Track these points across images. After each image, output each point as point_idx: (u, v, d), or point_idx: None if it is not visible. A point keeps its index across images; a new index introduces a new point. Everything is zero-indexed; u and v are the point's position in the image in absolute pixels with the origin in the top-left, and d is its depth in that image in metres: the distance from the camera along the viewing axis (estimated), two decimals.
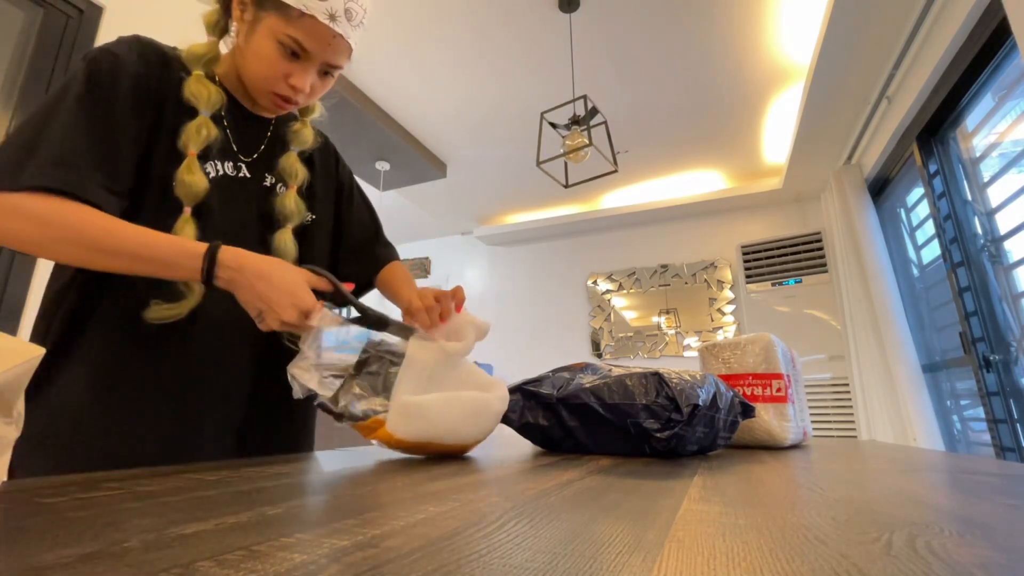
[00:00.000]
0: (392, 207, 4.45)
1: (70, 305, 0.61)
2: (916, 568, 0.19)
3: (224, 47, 0.72)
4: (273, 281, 0.57)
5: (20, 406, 0.40)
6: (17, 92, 1.49)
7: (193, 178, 0.63)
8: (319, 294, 0.61)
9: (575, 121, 2.28)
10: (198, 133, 0.65)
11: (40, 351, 0.38)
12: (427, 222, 4.88)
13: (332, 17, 0.63)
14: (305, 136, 0.79)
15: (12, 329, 1.39)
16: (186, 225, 0.62)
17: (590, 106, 2.14)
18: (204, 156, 0.66)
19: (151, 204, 0.63)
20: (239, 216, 0.70)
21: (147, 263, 0.56)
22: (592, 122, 2.22)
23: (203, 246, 0.57)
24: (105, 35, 1.67)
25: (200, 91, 0.66)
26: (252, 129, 0.75)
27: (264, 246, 0.72)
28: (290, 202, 0.74)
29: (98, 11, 1.67)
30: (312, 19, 0.62)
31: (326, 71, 0.70)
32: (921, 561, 0.20)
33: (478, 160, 3.61)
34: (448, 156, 3.57)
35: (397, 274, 0.86)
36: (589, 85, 2.79)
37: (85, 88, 0.59)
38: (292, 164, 0.76)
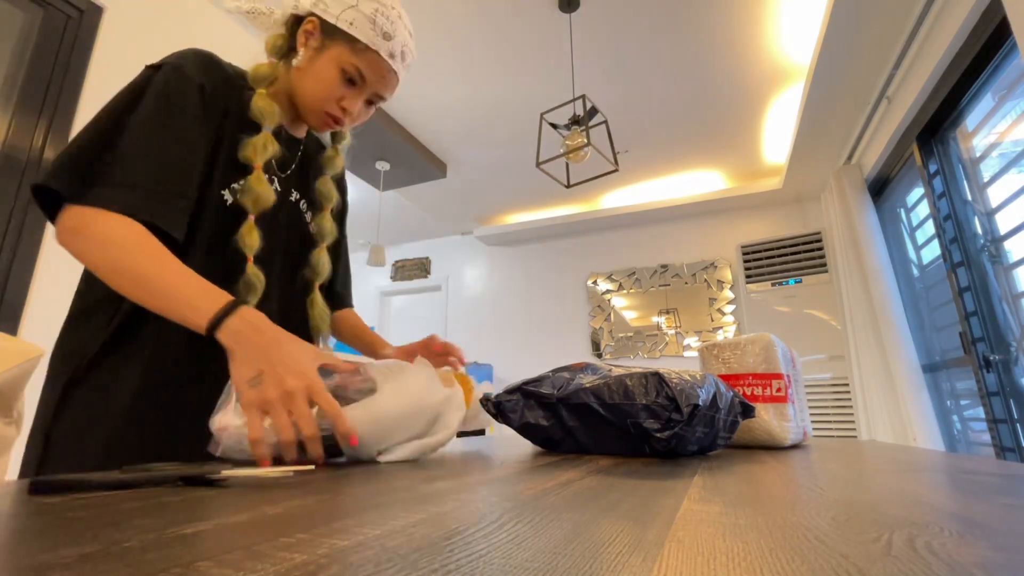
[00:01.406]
0: (392, 207, 4.45)
1: (124, 313, 0.62)
2: (916, 568, 0.19)
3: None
4: (285, 348, 0.54)
5: (20, 406, 0.40)
6: (17, 92, 1.49)
7: (263, 188, 0.68)
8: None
9: (575, 121, 2.28)
10: (264, 148, 0.69)
11: (40, 351, 0.38)
12: (427, 222, 4.88)
13: (391, 56, 0.71)
14: (338, 163, 0.85)
15: (12, 329, 1.39)
16: (252, 231, 0.66)
17: (589, 106, 2.14)
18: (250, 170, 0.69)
19: (209, 212, 0.66)
20: (269, 225, 0.72)
21: (166, 299, 0.56)
22: (592, 122, 2.22)
23: (228, 296, 0.56)
24: (105, 35, 1.67)
25: (266, 108, 0.70)
26: (288, 148, 0.78)
27: (289, 256, 0.77)
28: (327, 223, 0.81)
29: (98, 11, 1.67)
30: (375, 54, 0.70)
31: (371, 100, 0.76)
32: (921, 561, 0.20)
33: (478, 160, 3.61)
34: (448, 156, 3.57)
35: (366, 331, 0.92)
36: (589, 85, 2.79)
37: (156, 104, 0.61)
38: (329, 188, 0.82)
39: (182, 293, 0.56)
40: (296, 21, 0.74)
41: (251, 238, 0.66)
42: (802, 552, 0.21)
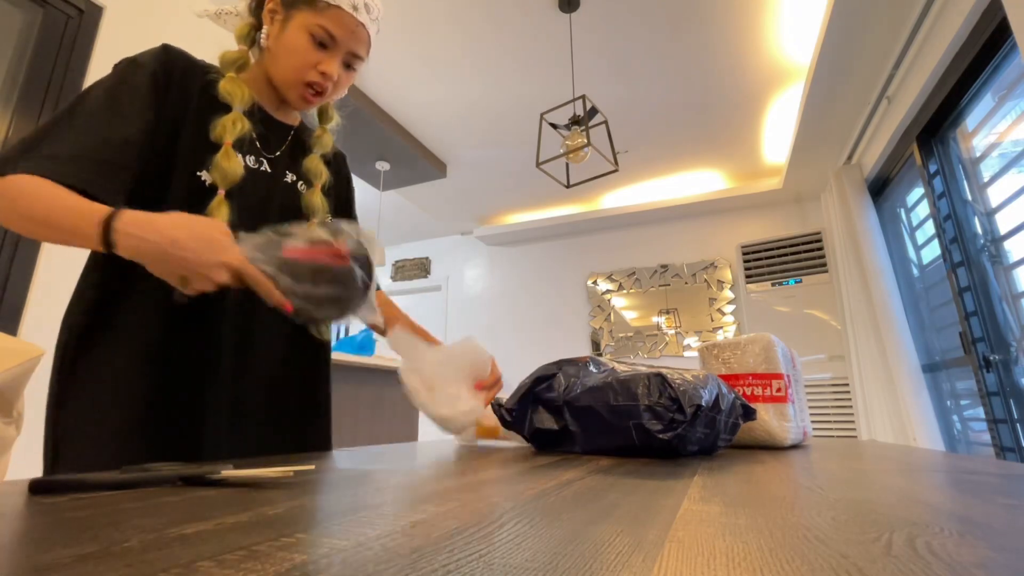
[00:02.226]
0: (392, 207, 4.45)
1: (105, 278, 0.65)
2: (916, 568, 0.19)
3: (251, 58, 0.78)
4: (183, 241, 0.53)
5: (20, 406, 0.40)
6: (17, 92, 1.49)
7: (230, 163, 0.68)
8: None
9: (575, 121, 2.28)
10: (233, 125, 0.69)
11: (40, 351, 0.38)
12: (427, 222, 4.88)
13: (355, 8, 0.71)
14: (326, 141, 0.85)
15: (12, 329, 1.39)
16: (221, 206, 0.66)
17: (589, 106, 2.14)
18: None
19: (179, 192, 0.67)
20: (260, 205, 0.73)
21: (55, 230, 0.55)
22: (592, 122, 2.22)
23: (106, 211, 0.54)
24: (105, 35, 1.67)
25: (234, 89, 0.71)
26: (274, 132, 0.79)
27: None
28: (316, 199, 0.80)
29: (98, 11, 1.67)
30: (338, 9, 0.70)
31: (348, 63, 0.76)
32: (921, 561, 0.20)
33: (478, 160, 3.61)
34: (448, 156, 3.57)
35: (401, 316, 0.93)
36: (589, 85, 2.79)
37: (104, 91, 0.64)
38: (316, 165, 0.82)
39: (69, 222, 0.54)
40: (259, 5, 0.75)
41: (219, 213, 0.65)
42: (802, 552, 0.21)
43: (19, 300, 1.41)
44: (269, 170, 0.76)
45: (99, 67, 1.65)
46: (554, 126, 2.35)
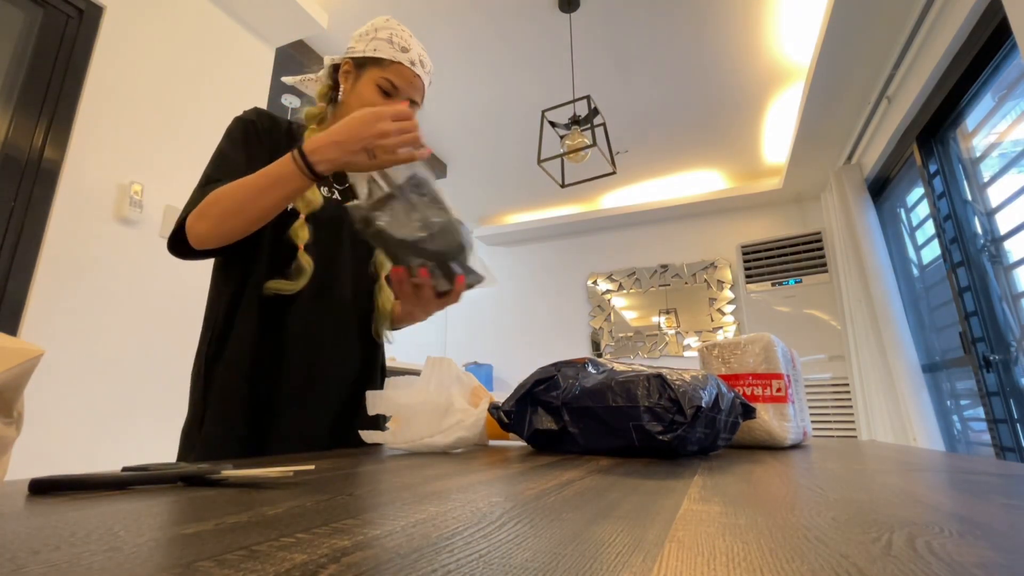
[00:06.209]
0: None
1: (225, 304, 0.81)
2: (916, 568, 0.19)
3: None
4: (351, 124, 0.68)
5: (20, 406, 0.40)
6: (17, 92, 1.49)
7: (313, 195, 0.83)
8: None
9: (575, 121, 2.28)
10: None
11: (40, 351, 0.38)
12: None
13: (412, 63, 0.86)
14: None
15: (12, 329, 1.39)
16: (302, 228, 0.80)
17: (593, 106, 2.14)
18: None
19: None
20: (332, 224, 0.87)
21: (268, 190, 0.69)
22: (592, 123, 2.22)
23: (289, 155, 0.69)
24: (105, 35, 1.67)
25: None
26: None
27: (356, 257, 0.91)
28: None
29: (98, 11, 1.67)
30: (400, 65, 0.86)
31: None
32: (921, 561, 0.20)
33: (478, 160, 3.61)
34: (448, 156, 3.57)
35: None
36: (589, 85, 2.79)
37: (220, 142, 0.85)
38: None
39: (270, 181, 0.70)
40: (335, 69, 0.91)
41: (302, 231, 0.80)
42: (802, 552, 0.21)
43: (19, 300, 1.41)
44: (340, 198, 0.92)
45: (99, 67, 1.64)
46: (554, 124, 2.35)
